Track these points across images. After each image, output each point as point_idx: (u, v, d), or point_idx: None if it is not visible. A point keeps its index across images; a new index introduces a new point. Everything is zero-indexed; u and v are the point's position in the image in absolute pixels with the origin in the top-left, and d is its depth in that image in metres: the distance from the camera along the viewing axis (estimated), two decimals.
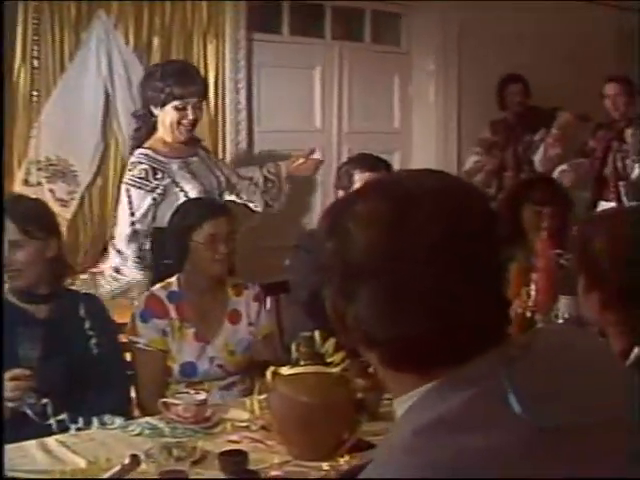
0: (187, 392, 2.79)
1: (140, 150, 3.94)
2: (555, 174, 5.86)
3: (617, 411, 1.17)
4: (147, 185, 3.85)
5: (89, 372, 2.83)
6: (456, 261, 1.10)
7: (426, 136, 6.39)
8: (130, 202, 3.86)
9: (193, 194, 3.89)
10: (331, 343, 2.43)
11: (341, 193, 3.68)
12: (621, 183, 5.71)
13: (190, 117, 3.93)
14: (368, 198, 1.18)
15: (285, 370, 2.46)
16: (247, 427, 2.60)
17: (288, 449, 2.42)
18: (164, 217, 3.56)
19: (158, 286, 3.19)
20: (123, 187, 3.93)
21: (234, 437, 2.54)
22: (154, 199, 3.86)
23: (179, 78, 3.92)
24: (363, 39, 6.21)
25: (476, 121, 6.24)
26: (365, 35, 6.20)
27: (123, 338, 3.11)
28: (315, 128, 5.84)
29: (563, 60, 6.50)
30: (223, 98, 5.09)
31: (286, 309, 3.89)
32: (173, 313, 3.12)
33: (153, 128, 4.03)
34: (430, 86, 6.37)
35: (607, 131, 5.84)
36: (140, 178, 3.85)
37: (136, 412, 3.01)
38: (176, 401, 2.67)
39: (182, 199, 3.78)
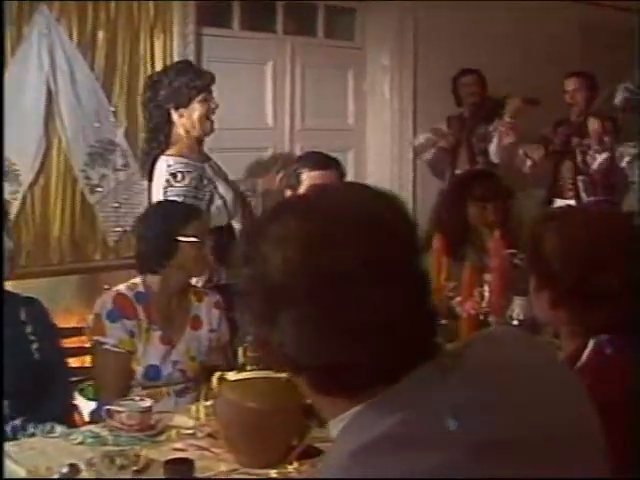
0: (132, 399, 2.77)
1: (173, 158, 3.93)
2: (526, 169, 5.93)
3: (556, 422, 1.18)
4: (198, 193, 3.89)
5: (31, 378, 2.80)
6: (377, 279, 1.09)
7: (381, 133, 6.40)
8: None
9: (228, 197, 3.96)
10: None
11: (289, 193, 3.68)
12: (580, 178, 5.77)
13: (213, 106, 4.01)
14: (282, 219, 1.16)
15: (231, 375, 2.45)
16: (193, 434, 2.58)
17: (235, 457, 2.41)
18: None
19: (123, 286, 3.17)
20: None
21: (180, 445, 2.52)
22: (206, 205, 3.89)
23: (195, 72, 4.04)
24: (316, 34, 6.21)
25: (432, 118, 6.27)
26: (318, 30, 6.21)
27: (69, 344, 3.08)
28: (267, 125, 5.84)
29: (522, 55, 6.57)
30: None
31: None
32: (141, 314, 3.11)
33: (169, 133, 4.03)
34: (385, 82, 6.39)
35: (567, 127, 5.91)
36: (192, 187, 3.87)
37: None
38: (120, 408, 2.64)
39: (219, 202, 3.87)
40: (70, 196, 4.75)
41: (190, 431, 2.61)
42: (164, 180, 3.87)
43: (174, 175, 3.89)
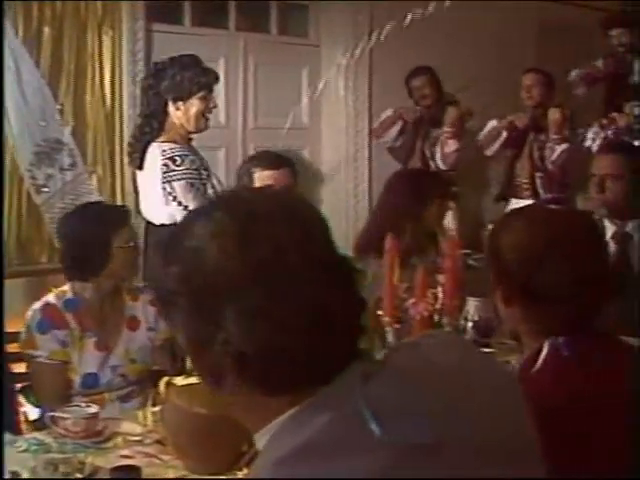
0: (77, 405, 2.75)
1: (167, 144, 3.97)
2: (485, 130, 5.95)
3: (485, 427, 1.19)
4: (202, 176, 3.93)
5: None
6: (312, 272, 1.11)
7: (336, 132, 6.42)
8: (195, 195, 3.87)
9: (218, 187, 3.98)
10: None
11: None
12: (538, 175, 5.83)
13: (211, 105, 4.07)
14: (212, 215, 1.16)
15: (179, 380, 2.44)
16: (140, 441, 2.57)
17: (184, 463, 2.39)
18: None
19: (52, 295, 3.12)
20: (181, 183, 3.87)
21: (127, 452, 2.51)
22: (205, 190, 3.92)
23: (201, 68, 4.07)
24: (269, 30, 6.22)
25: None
26: (271, 26, 6.21)
27: (14, 349, 3.05)
28: (219, 124, 5.78)
29: (479, 52, 6.61)
30: (120, 92, 5.04)
31: None
32: (72, 322, 3.06)
33: (163, 123, 4.05)
34: (340, 80, 6.39)
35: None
36: (194, 169, 3.91)
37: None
38: (65, 415, 2.62)
39: (210, 191, 3.88)
40: (16, 196, 4.71)
41: (137, 438, 2.59)
42: (161, 165, 3.90)
43: (172, 159, 3.91)
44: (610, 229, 3.65)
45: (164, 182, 3.87)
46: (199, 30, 5.71)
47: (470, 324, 3.04)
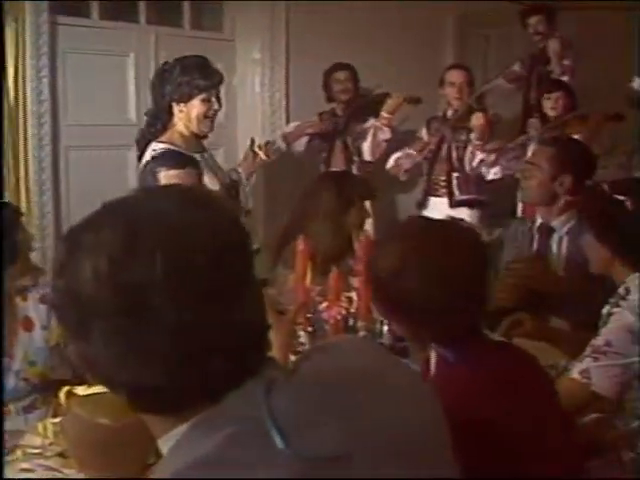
0: None
1: (161, 145, 4.06)
2: (390, 162, 6.02)
3: (397, 434, 1.19)
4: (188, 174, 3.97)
5: None
6: (192, 290, 1.09)
7: (252, 130, 6.39)
8: None
9: (213, 187, 4.03)
10: None
11: None
12: (455, 175, 5.90)
13: (215, 108, 4.17)
14: (95, 226, 1.15)
15: (81, 390, 2.41)
16: (41, 454, 2.54)
17: (87, 476, 2.38)
18: None
19: None
20: (151, 176, 3.96)
21: (27, 465, 2.48)
22: None
23: (203, 71, 4.13)
24: (182, 24, 6.17)
25: (305, 113, 6.29)
26: (184, 20, 6.17)
27: None
28: (129, 121, 5.75)
29: (399, 48, 6.67)
30: (24, 88, 4.96)
31: None
32: None
33: (167, 123, 4.14)
34: (256, 76, 6.40)
35: (442, 122, 6.02)
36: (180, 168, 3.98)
37: None
38: None
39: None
40: None
41: (38, 450, 2.56)
42: (148, 160, 4.00)
43: (159, 156, 4.01)
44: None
45: (149, 176, 3.95)
46: (108, 24, 5.64)
47: (386, 328, 3.06)
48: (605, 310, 2.74)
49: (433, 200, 5.98)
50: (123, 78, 5.73)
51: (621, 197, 2.74)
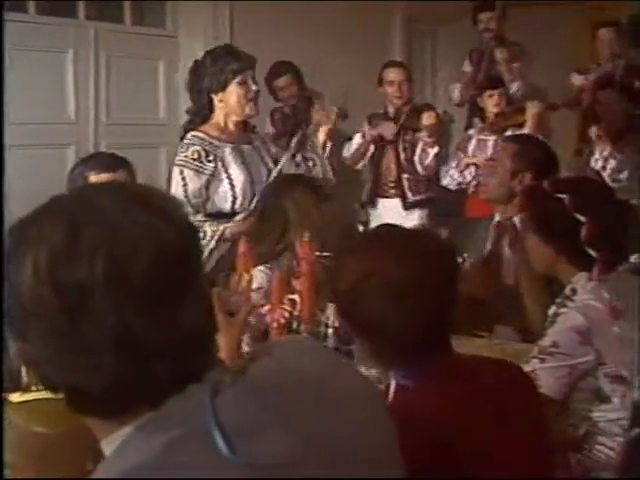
0: None
1: (193, 132, 4.17)
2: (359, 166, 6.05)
3: (342, 436, 1.19)
4: (199, 166, 4.07)
5: None
6: (133, 292, 1.09)
7: None
8: (184, 182, 4.08)
9: (238, 181, 4.11)
10: None
11: None
12: (405, 176, 5.93)
13: (254, 88, 4.15)
14: (38, 220, 1.14)
15: (16, 397, 2.39)
16: None
17: None
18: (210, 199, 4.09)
19: None
20: (176, 168, 4.14)
21: None
22: (207, 180, 4.10)
23: (233, 55, 4.17)
24: (123, 20, 6.13)
25: None
26: (125, 16, 6.13)
27: None
28: (68, 120, 5.71)
29: (346, 45, 6.69)
30: None
31: None
32: None
33: (207, 118, 4.18)
34: None
35: (385, 120, 6.05)
36: (193, 159, 4.08)
37: None
38: None
39: (226, 185, 4.09)
40: None
41: None
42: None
43: (181, 146, 4.17)
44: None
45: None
46: (45, 19, 5.58)
47: (331, 330, 3.06)
48: (551, 310, 2.77)
49: (382, 201, 6.01)
50: (61, 75, 5.67)
51: (562, 195, 2.77)
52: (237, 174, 4.13)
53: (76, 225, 1.10)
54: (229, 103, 4.13)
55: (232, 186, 4.11)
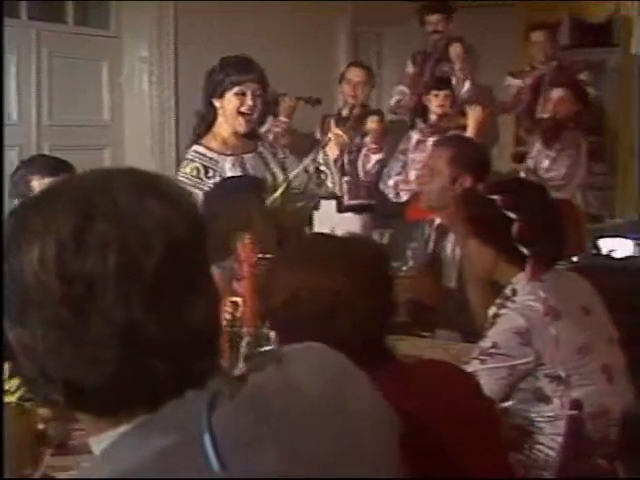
0: None
1: (194, 147, 4.18)
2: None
3: (339, 453, 1.17)
4: (199, 183, 4.05)
5: None
6: (143, 288, 1.06)
7: (140, 129, 6.35)
8: None
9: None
10: (5, 368, 2.35)
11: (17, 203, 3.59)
12: (345, 179, 5.94)
13: (249, 103, 4.10)
14: (44, 207, 1.11)
15: None
16: None
17: None
18: None
19: None
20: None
21: None
22: None
23: (237, 66, 4.15)
24: (66, 20, 6.08)
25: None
26: (68, 16, 6.08)
27: None
28: (10, 121, 5.64)
29: (292, 46, 6.69)
30: None
31: None
32: None
33: (211, 124, 4.18)
34: (143, 74, 6.35)
35: (338, 121, 6.06)
36: (192, 176, 4.08)
37: None
38: None
39: None
40: None
41: None
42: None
43: (183, 162, 4.23)
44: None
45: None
46: None
47: (273, 333, 3.05)
48: (492, 311, 2.79)
49: (324, 203, 6.02)
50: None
51: (495, 197, 2.80)
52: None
53: (88, 215, 1.07)
54: (224, 112, 4.14)
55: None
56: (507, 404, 2.69)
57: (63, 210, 1.08)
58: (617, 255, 5.58)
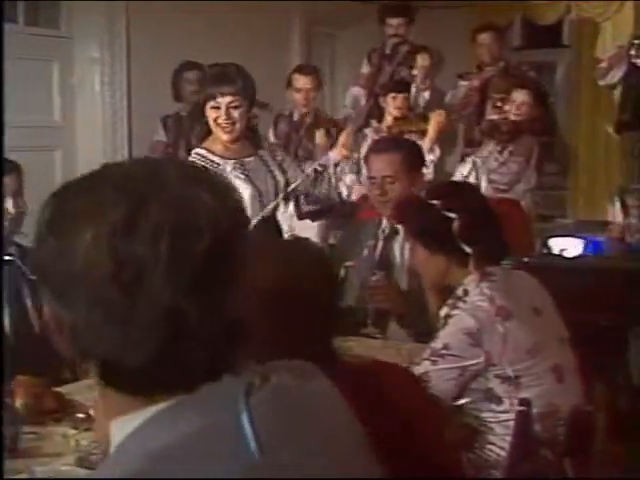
0: None
1: (196, 150, 4.26)
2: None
3: (341, 457, 1.22)
4: None
5: None
6: (191, 274, 1.09)
7: (92, 131, 6.32)
8: None
9: (245, 195, 4.04)
10: None
11: None
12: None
13: (223, 117, 4.09)
14: (94, 190, 1.13)
15: None
16: None
17: None
18: None
19: None
20: None
21: None
22: None
23: (215, 78, 4.20)
24: (16, 20, 6.03)
25: (148, 114, 6.27)
26: (18, 16, 6.03)
27: None
28: None
29: (245, 47, 6.69)
30: None
31: None
32: None
33: (209, 131, 4.24)
34: (95, 75, 6.32)
35: (286, 124, 6.08)
36: None
37: None
38: None
39: None
40: None
41: None
42: None
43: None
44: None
45: None
46: None
47: None
48: (443, 311, 2.81)
49: (283, 208, 6.03)
50: None
51: (436, 201, 2.83)
52: (242, 190, 4.09)
53: (142, 200, 1.09)
54: (209, 120, 4.20)
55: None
56: (459, 403, 2.72)
57: (115, 194, 1.10)
58: (568, 254, 5.65)
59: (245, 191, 4.13)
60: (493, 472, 2.66)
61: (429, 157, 5.83)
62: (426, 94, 6.53)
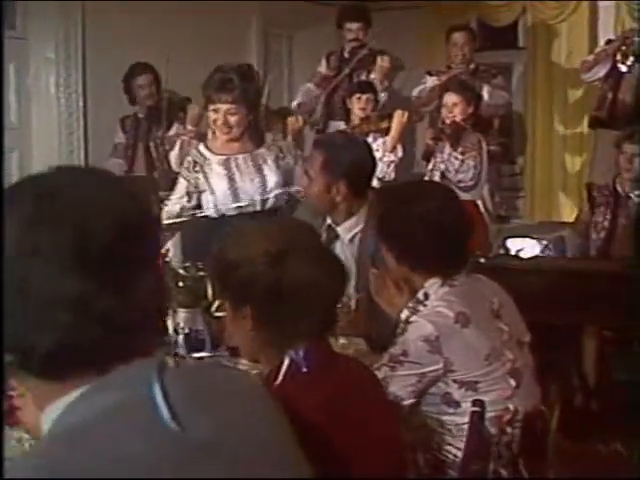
0: None
1: (198, 146, 4.62)
2: None
3: (255, 434, 1.30)
4: (187, 175, 4.50)
5: None
6: (93, 260, 1.17)
7: (47, 132, 6.32)
8: (177, 185, 4.56)
9: (218, 191, 4.41)
10: None
11: None
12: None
13: (219, 122, 4.29)
14: (10, 195, 1.22)
15: None
16: None
17: None
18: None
19: None
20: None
21: None
22: (187, 187, 4.49)
23: (216, 85, 4.30)
24: None
25: (105, 116, 6.29)
26: None
27: None
28: None
29: (202, 47, 6.72)
30: None
31: None
32: None
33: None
34: (50, 76, 6.33)
35: None
36: (185, 168, 4.56)
37: None
38: None
39: (208, 195, 4.42)
40: None
41: None
42: None
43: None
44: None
45: None
46: None
47: (181, 337, 3.07)
48: (404, 315, 2.82)
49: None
50: None
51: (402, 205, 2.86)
52: (217, 184, 4.40)
53: (45, 195, 1.19)
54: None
55: (213, 195, 4.39)
56: (417, 404, 2.74)
57: (21, 194, 1.22)
58: (524, 255, 5.71)
59: (218, 188, 4.41)
60: (450, 472, 2.68)
61: (390, 157, 5.92)
62: (384, 95, 6.59)
